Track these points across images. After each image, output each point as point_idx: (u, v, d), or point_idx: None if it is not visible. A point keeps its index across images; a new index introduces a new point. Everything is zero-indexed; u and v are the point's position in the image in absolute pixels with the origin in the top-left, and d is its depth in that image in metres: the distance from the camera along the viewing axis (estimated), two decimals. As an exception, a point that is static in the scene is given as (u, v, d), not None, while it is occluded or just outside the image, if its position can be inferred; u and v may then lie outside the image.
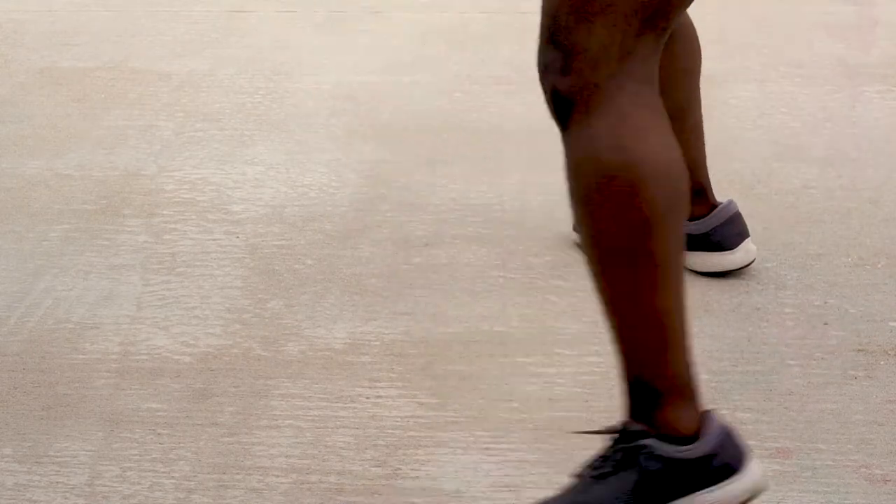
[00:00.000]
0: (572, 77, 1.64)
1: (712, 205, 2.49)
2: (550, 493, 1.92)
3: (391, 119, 3.29)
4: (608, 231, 1.64)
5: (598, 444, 2.02)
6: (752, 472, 1.71)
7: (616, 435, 1.72)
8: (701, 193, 2.48)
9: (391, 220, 2.75)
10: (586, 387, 2.18)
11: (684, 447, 1.68)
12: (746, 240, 2.48)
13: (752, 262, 2.49)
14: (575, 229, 2.54)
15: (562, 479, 1.96)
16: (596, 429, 1.87)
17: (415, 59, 3.67)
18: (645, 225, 1.62)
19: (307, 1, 4.14)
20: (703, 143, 2.48)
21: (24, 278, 2.54)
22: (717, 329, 2.35)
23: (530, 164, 2.97)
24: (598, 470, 1.72)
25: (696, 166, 2.44)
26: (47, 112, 3.34)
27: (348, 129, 3.21)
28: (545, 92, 1.68)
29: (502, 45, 3.78)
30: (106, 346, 2.31)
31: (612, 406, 2.13)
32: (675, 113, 2.39)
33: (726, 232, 2.47)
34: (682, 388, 1.69)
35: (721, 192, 2.83)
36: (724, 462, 1.69)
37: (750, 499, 1.72)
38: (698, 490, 1.69)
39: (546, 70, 1.67)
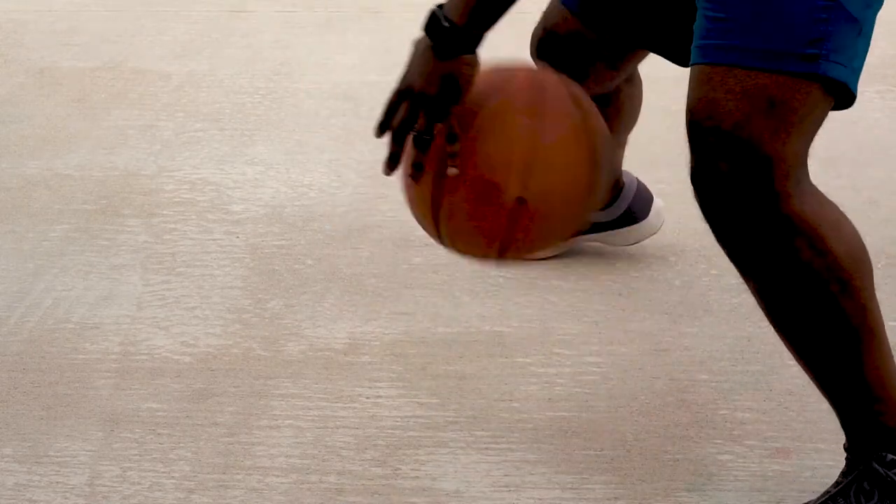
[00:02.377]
0: (768, 188, 1.65)
1: (620, 188, 2.56)
2: (550, 492, 1.93)
3: (391, 119, 3.28)
4: (831, 329, 1.73)
5: (593, 445, 2.03)
6: None
7: (863, 464, 1.82)
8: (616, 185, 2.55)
9: (391, 220, 2.75)
10: (586, 387, 2.18)
11: None
12: (653, 202, 2.56)
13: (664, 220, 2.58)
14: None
15: (562, 479, 1.96)
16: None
17: (415, 59, 3.67)
18: (863, 309, 1.73)
19: (307, 1, 4.14)
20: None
21: (24, 278, 2.54)
22: (717, 329, 2.35)
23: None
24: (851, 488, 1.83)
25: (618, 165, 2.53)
26: (47, 112, 3.34)
27: (348, 129, 3.21)
28: (721, 205, 1.67)
29: (502, 45, 3.78)
30: (106, 346, 2.31)
31: (611, 406, 2.13)
32: (625, 136, 2.46)
33: (638, 204, 2.55)
34: None
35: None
36: None
37: None
38: None
39: (727, 184, 1.66)
